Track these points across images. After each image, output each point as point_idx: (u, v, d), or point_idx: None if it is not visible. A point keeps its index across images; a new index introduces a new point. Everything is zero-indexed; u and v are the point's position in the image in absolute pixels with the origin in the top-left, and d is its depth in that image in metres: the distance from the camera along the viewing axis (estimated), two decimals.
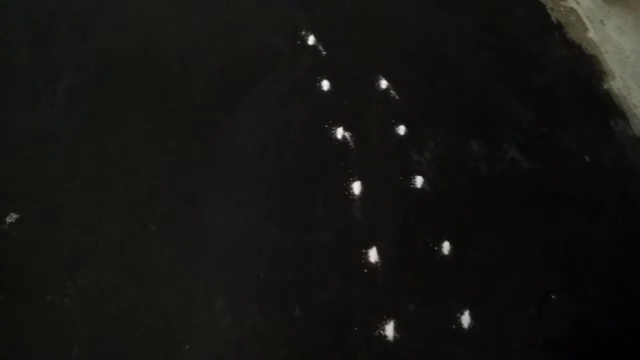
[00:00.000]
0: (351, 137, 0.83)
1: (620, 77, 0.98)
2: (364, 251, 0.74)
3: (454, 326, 0.70)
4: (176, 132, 0.81)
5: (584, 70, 0.98)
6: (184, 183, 0.76)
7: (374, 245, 0.74)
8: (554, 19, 1.05)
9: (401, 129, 0.85)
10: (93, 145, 0.78)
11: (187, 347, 0.65)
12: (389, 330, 0.68)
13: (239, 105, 0.84)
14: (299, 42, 0.93)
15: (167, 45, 0.90)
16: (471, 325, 0.70)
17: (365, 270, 0.72)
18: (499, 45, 0.99)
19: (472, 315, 0.70)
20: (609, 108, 0.93)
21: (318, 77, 0.89)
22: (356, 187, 0.79)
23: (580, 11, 1.07)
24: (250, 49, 0.92)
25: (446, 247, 0.75)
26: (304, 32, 0.94)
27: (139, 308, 0.66)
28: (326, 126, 0.84)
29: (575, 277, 0.74)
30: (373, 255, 0.73)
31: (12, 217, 0.71)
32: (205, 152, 0.79)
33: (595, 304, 0.72)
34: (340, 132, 0.83)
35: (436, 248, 0.75)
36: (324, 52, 0.92)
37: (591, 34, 1.04)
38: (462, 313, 0.70)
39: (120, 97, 0.83)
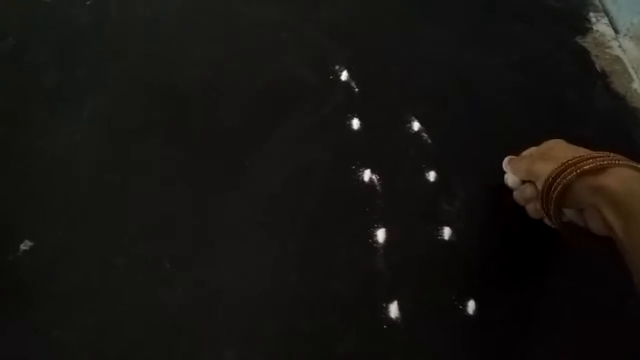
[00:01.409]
0: (378, 180, 0.80)
1: None
2: (384, 305, 0.70)
3: None
4: (197, 165, 0.78)
5: (626, 124, 0.93)
6: (202, 220, 0.73)
7: (396, 299, 0.70)
8: (597, 67, 1.01)
9: (431, 175, 0.81)
10: (113, 174, 0.75)
11: None
12: None
13: (263, 140, 0.81)
14: (331, 77, 0.90)
15: (194, 72, 0.87)
16: None
17: (385, 326, 0.68)
18: (537, 91, 0.95)
19: None
20: None
21: (348, 115, 0.86)
22: (380, 235, 0.75)
23: (626, 60, 1.03)
24: (280, 81, 0.89)
25: (471, 306, 0.71)
26: (337, 67, 0.92)
27: (144, 349, 0.63)
28: (353, 167, 0.80)
29: (607, 349, 0.69)
30: (394, 310, 0.70)
31: (26, 245, 0.69)
32: (226, 189, 0.76)
33: None
34: (367, 175, 0.80)
35: (460, 307, 0.71)
36: (357, 89, 0.89)
37: (636, 84, 0.99)
38: None
39: (144, 125, 0.81)
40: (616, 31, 1.08)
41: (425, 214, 0.78)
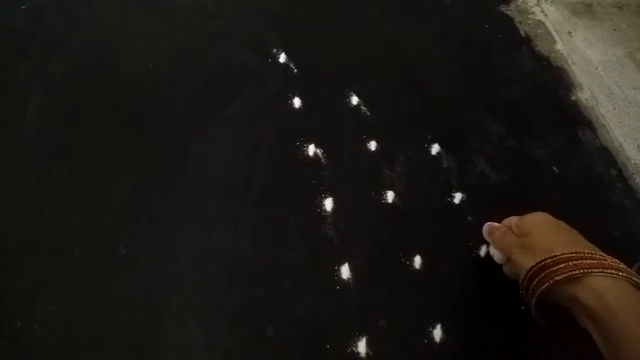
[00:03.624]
0: (322, 153, 0.83)
1: (588, 88, 0.99)
2: (336, 268, 0.73)
3: (425, 340, 0.70)
4: (146, 154, 0.79)
5: (552, 82, 0.99)
6: (154, 205, 0.75)
7: (346, 261, 0.74)
8: (522, 32, 1.07)
9: (372, 144, 0.85)
10: (62, 168, 0.77)
11: None
12: (362, 347, 0.68)
13: (209, 124, 0.83)
14: (269, 60, 0.93)
15: (136, 66, 0.88)
16: (443, 339, 0.70)
17: (338, 287, 0.72)
18: (467, 59, 1.00)
19: (443, 330, 0.70)
20: (577, 119, 0.95)
21: (289, 95, 0.89)
22: (328, 204, 0.79)
23: (548, 23, 1.09)
24: (221, 67, 0.91)
25: (417, 261, 0.75)
26: (274, 50, 0.95)
27: (109, 333, 0.66)
28: (297, 144, 0.84)
29: None
30: (345, 271, 0.73)
31: None
32: (176, 173, 0.78)
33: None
34: (312, 149, 0.83)
35: (407, 263, 0.75)
36: (295, 70, 0.93)
37: (559, 45, 1.06)
38: (433, 327, 0.70)
39: (89, 120, 0.82)
40: None
41: (368, 180, 0.82)
